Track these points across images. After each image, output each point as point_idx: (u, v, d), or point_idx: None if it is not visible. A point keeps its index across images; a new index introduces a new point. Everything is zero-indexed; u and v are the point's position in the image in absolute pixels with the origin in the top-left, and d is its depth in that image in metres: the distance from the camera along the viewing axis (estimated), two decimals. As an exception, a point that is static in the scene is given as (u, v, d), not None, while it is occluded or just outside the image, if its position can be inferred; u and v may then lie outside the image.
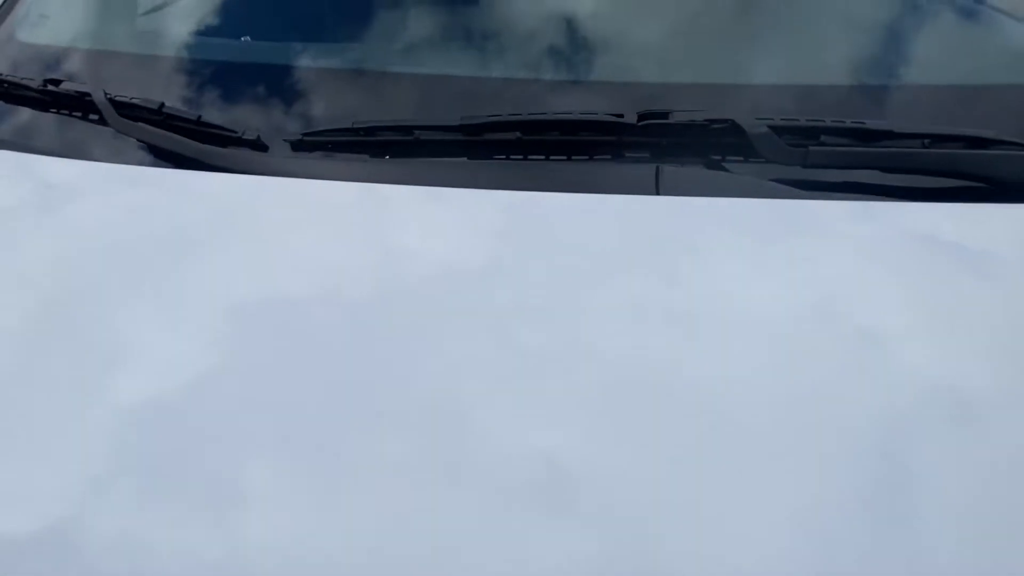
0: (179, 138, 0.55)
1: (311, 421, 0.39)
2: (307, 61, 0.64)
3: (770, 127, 0.50)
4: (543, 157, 0.54)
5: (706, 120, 0.51)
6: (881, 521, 0.33)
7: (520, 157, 0.54)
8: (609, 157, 0.54)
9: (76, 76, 0.63)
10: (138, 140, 0.57)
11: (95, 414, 0.40)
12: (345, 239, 0.52)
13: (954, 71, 0.65)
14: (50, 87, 0.60)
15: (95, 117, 0.58)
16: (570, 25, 0.63)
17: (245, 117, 0.59)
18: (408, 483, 0.35)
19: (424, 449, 0.37)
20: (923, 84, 0.64)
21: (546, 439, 0.37)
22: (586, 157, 0.54)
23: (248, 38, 0.73)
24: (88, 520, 0.35)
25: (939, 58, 0.65)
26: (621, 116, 0.51)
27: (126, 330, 0.45)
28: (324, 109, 0.60)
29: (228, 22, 0.70)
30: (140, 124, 0.56)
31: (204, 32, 0.68)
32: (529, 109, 0.55)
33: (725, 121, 0.51)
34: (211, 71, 0.64)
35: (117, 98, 0.57)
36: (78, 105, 0.59)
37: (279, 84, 0.61)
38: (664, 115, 0.52)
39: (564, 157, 0.54)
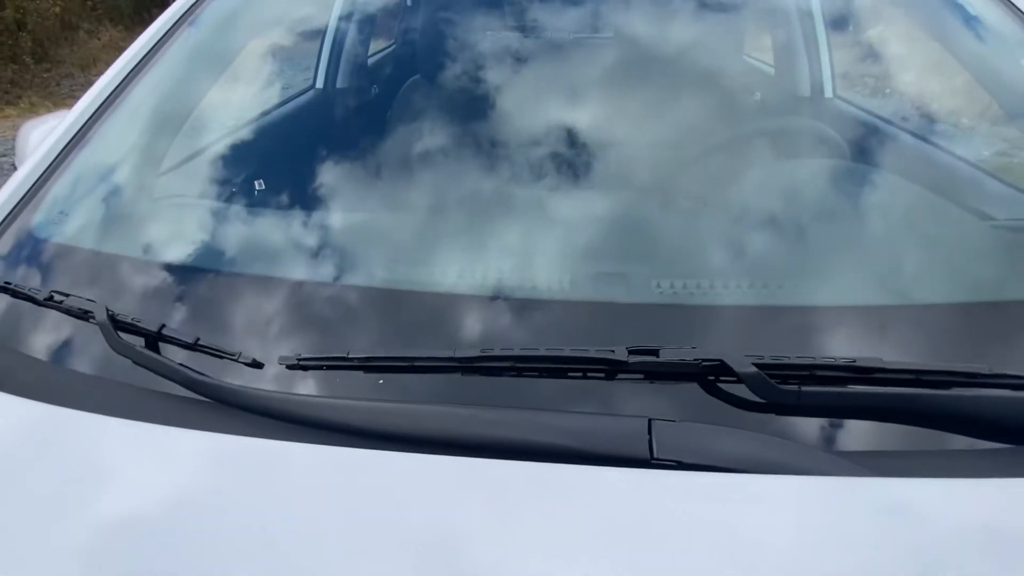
0: (175, 365, 0.55)
1: None
2: (308, 282, 0.66)
3: (759, 366, 0.49)
4: (539, 392, 0.55)
5: (695, 360, 0.51)
6: None
7: (513, 390, 0.54)
8: (599, 402, 0.55)
9: (80, 284, 0.64)
10: (134, 361, 0.57)
11: None
12: (336, 506, 0.49)
13: (955, 289, 0.65)
14: (54, 298, 0.61)
15: (94, 333, 0.58)
16: (562, 252, 0.67)
17: (242, 339, 0.60)
18: None
19: None
20: (924, 304, 0.62)
21: None
22: (578, 397, 0.55)
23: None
24: None
25: (937, 277, 0.66)
26: (612, 352, 0.51)
27: None
28: (321, 334, 0.62)
29: (235, 241, 0.73)
30: (138, 348, 0.56)
31: (212, 249, 0.71)
32: (526, 337, 0.58)
33: (714, 361, 0.50)
34: (219, 288, 0.67)
35: (118, 317, 0.57)
36: (80, 316, 0.60)
37: (276, 305, 0.62)
38: (654, 352, 0.52)
39: (558, 390, 0.55)
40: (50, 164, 0.76)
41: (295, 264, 0.69)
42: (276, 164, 0.95)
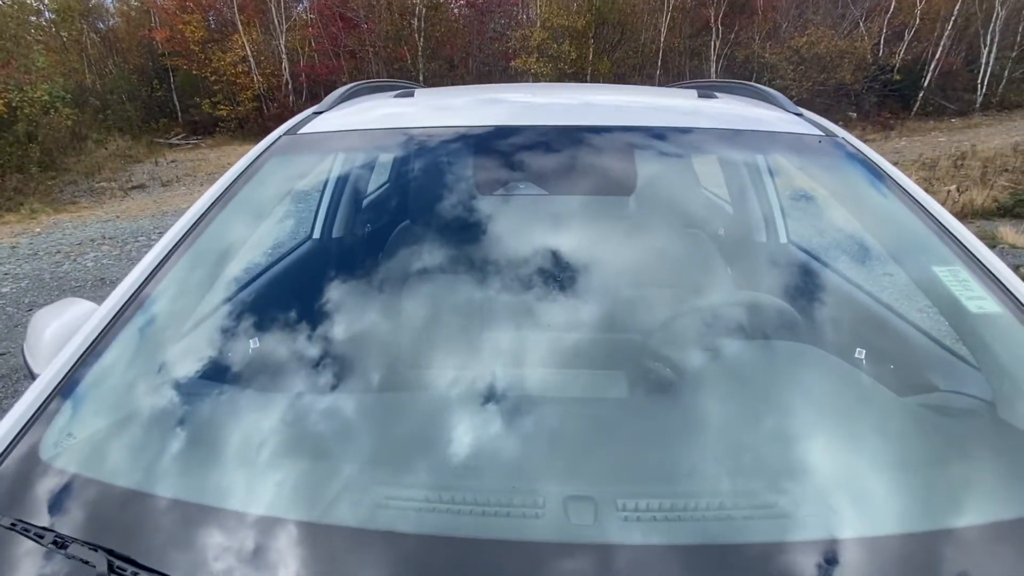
0: None
1: None
2: (308, 523, 0.63)
3: None
4: None
5: None
6: None
7: None
8: None
9: (86, 518, 0.62)
10: None
11: None
12: None
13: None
14: (57, 541, 0.58)
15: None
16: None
17: None
18: None
19: None
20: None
21: None
22: None
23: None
24: None
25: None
26: None
27: None
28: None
29: (237, 484, 0.70)
30: None
31: (214, 490, 0.68)
32: None
33: None
34: (222, 529, 0.62)
35: (117, 567, 0.56)
36: (84, 562, 0.57)
37: (281, 549, 0.60)
38: None
39: None
40: (60, 382, 0.74)
41: (296, 506, 0.66)
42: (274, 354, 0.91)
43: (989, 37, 21.50)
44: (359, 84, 1.40)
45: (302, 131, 1.06)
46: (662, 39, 22.00)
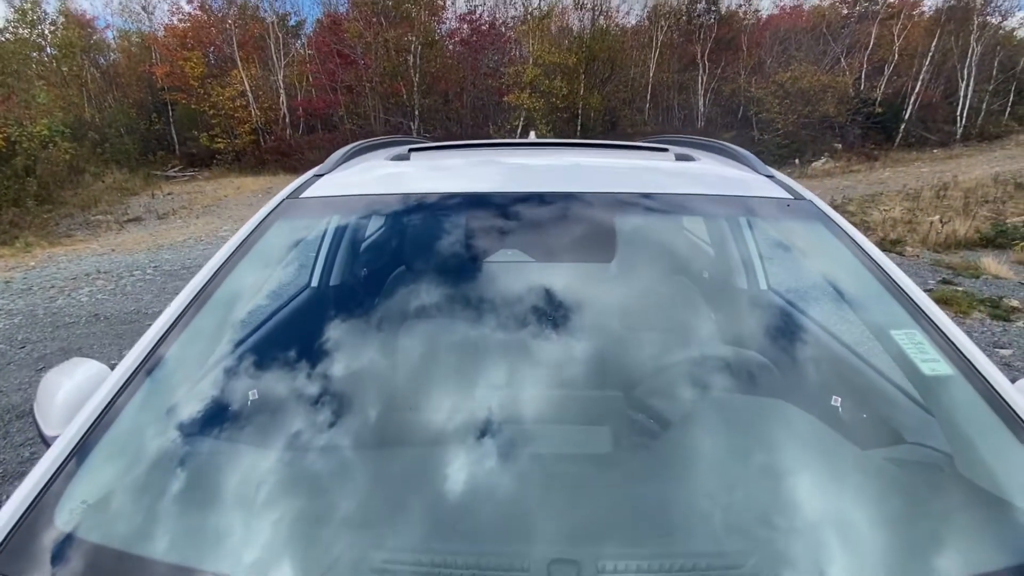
0: None
1: None
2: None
3: None
4: None
5: None
6: None
7: None
8: None
9: None
10: None
11: None
12: None
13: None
14: None
15: None
16: None
17: None
18: None
19: None
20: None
21: None
22: None
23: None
24: None
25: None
26: None
27: None
28: None
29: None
30: None
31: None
32: None
33: None
34: None
35: None
36: None
37: None
38: None
39: None
40: (74, 447, 0.76)
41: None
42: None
43: (966, 72, 22.27)
44: (359, 144, 1.46)
45: (304, 195, 1.13)
46: (651, 74, 22.69)
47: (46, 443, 0.87)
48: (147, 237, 10.29)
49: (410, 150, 1.38)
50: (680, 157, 1.28)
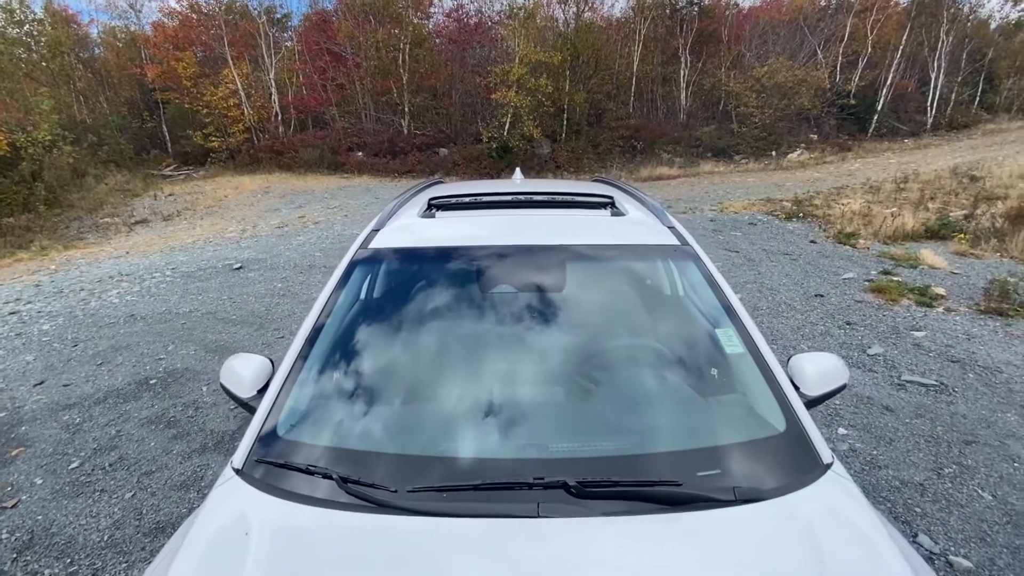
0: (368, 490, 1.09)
1: None
2: (411, 456, 1.23)
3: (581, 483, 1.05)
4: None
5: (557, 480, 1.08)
6: None
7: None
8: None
9: (315, 462, 1.17)
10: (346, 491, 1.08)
11: None
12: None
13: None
14: (304, 469, 1.15)
15: (328, 484, 1.11)
16: None
17: (388, 479, 1.11)
18: None
19: None
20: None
21: None
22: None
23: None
24: None
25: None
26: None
27: None
28: (430, 476, 1.13)
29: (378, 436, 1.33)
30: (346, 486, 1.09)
31: (372, 438, 1.31)
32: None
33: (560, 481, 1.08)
34: (377, 460, 1.20)
35: (343, 475, 1.11)
36: (323, 476, 1.13)
37: (407, 462, 1.19)
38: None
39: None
40: (276, 395, 1.36)
41: (410, 442, 1.31)
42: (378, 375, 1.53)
43: (937, 63, 22.87)
44: (396, 203, 2.18)
45: (370, 245, 1.77)
46: (635, 67, 23.02)
47: (239, 403, 1.48)
48: (157, 239, 10.67)
49: (431, 204, 2.04)
50: (615, 213, 1.97)
